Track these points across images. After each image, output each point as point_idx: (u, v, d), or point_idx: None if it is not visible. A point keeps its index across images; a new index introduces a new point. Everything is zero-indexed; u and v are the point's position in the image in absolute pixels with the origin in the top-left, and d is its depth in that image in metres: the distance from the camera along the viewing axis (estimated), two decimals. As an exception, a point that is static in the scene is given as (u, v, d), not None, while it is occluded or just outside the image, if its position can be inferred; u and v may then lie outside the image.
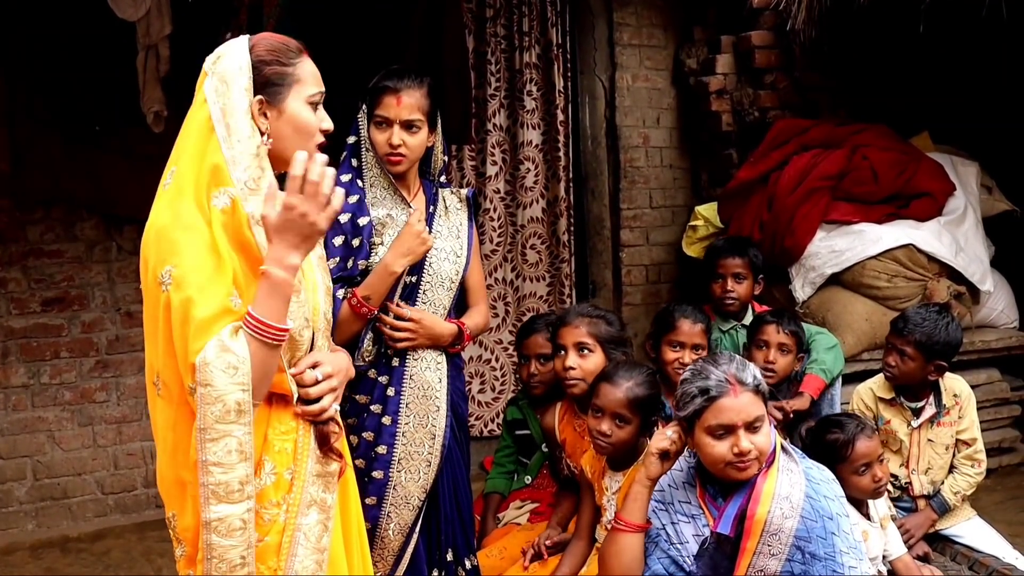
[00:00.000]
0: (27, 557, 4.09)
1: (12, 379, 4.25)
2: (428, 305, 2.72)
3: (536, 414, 3.37)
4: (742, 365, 2.30)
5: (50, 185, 4.18)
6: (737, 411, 2.21)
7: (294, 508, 1.86)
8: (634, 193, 5.10)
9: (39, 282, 4.28)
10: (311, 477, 1.89)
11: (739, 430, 2.21)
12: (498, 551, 3.02)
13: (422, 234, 2.64)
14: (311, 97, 1.93)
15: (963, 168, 4.73)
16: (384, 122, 2.65)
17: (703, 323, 3.26)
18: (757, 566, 2.20)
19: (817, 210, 4.34)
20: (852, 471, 2.82)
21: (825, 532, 2.20)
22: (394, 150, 2.65)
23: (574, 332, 2.95)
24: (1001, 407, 4.54)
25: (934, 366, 3.26)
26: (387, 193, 2.70)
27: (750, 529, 2.20)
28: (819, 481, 2.28)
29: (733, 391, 2.23)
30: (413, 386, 2.68)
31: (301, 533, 1.86)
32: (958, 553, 3.30)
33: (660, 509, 2.38)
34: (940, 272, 4.36)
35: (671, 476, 2.41)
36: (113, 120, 4.12)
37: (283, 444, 1.88)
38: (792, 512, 2.19)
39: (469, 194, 2.91)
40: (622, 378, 2.68)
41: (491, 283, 4.99)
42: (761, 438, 2.23)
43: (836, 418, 3.05)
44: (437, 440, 2.70)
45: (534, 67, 4.93)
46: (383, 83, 2.66)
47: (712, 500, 2.32)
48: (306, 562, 1.86)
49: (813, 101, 4.83)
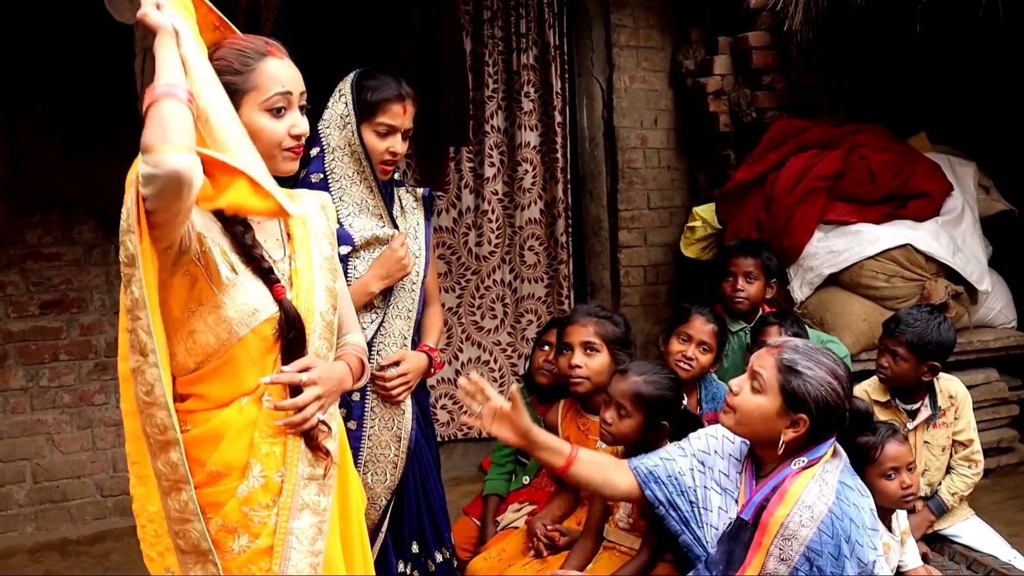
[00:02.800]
0: (26, 560, 4.09)
1: (11, 382, 4.25)
2: (392, 308, 2.71)
3: (539, 412, 3.37)
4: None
5: (48, 188, 4.18)
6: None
7: (285, 511, 1.86)
8: (632, 194, 5.10)
9: (37, 285, 4.28)
10: (302, 480, 1.89)
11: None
12: (496, 553, 3.02)
13: (403, 260, 2.62)
14: (268, 102, 1.90)
15: (960, 168, 4.74)
16: (389, 131, 2.62)
17: (716, 325, 3.30)
18: (768, 567, 2.18)
19: (815, 210, 4.34)
20: (880, 474, 2.79)
21: (838, 552, 2.14)
22: (393, 158, 2.64)
23: (581, 331, 2.98)
24: (999, 407, 4.54)
25: (927, 367, 3.26)
26: (362, 207, 2.65)
27: (766, 525, 2.18)
28: (851, 503, 2.20)
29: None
30: (378, 391, 2.68)
31: (294, 536, 1.86)
32: (956, 553, 3.30)
33: (699, 470, 2.37)
34: (938, 272, 4.36)
35: (722, 445, 2.40)
36: (111, 123, 4.12)
37: (271, 447, 1.88)
38: (810, 522, 2.15)
39: (425, 193, 2.86)
40: (634, 372, 2.73)
41: (489, 284, 5.00)
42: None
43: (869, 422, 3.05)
44: (403, 443, 2.70)
45: (532, 69, 4.93)
46: (386, 91, 2.61)
47: (752, 480, 2.30)
48: (300, 565, 1.86)
49: (810, 102, 4.84)
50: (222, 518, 1.85)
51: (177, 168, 1.60)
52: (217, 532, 1.86)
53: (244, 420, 1.87)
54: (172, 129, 1.62)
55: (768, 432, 2.24)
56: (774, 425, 2.22)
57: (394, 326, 2.72)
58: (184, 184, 1.62)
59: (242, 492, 1.85)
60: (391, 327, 2.71)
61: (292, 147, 1.93)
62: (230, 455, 1.86)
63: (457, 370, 4.97)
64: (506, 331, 5.05)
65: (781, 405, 2.21)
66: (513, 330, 5.06)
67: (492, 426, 2.32)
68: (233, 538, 1.86)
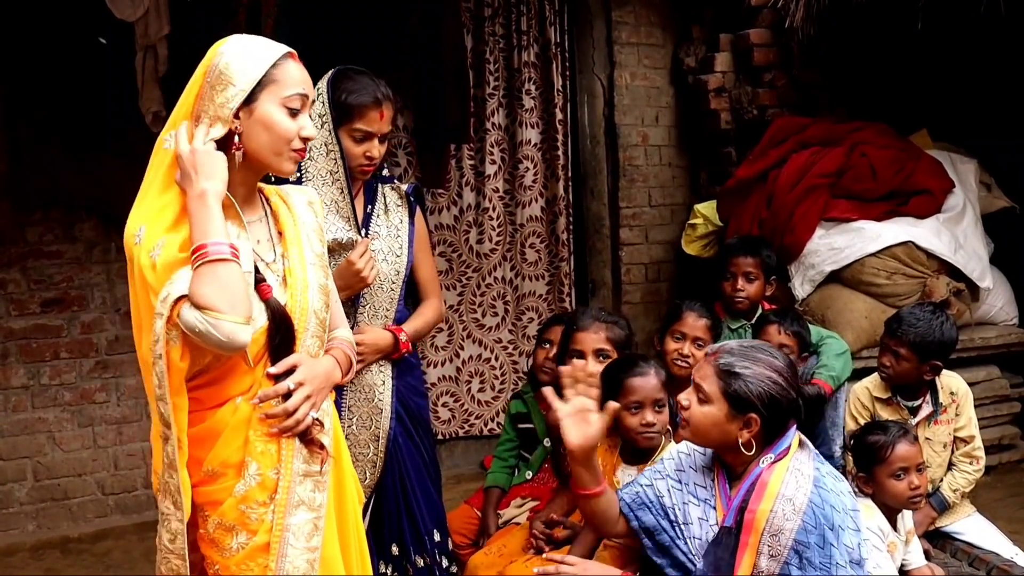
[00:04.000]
0: (28, 558, 4.10)
1: (12, 380, 4.25)
2: (369, 308, 2.69)
3: (541, 409, 3.37)
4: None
5: (49, 186, 4.18)
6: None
7: (281, 508, 1.87)
8: (633, 192, 5.10)
9: (38, 283, 4.28)
10: (298, 477, 1.90)
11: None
12: (496, 549, 3.02)
13: (361, 272, 2.57)
14: (288, 99, 1.90)
15: (962, 165, 4.73)
16: (366, 136, 2.58)
17: (708, 319, 3.28)
18: (760, 566, 2.18)
19: (816, 208, 4.34)
20: (890, 474, 2.79)
21: (824, 541, 2.16)
22: (371, 162, 2.61)
23: (593, 338, 2.92)
24: (1001, 404, 4.53)
25: (929, 366, 3.25)
26: (330, 208, 2.60)
27: (751, 524, 2.18)
28: (828, 489, 2.21)
29: None
30: (355, 389, 2.66)
31: (290, 533, 1.87)
32: (958, 550, 3.30)
33: (676, 488, 2.37)
34: (939, 269, 4.36)
35: (693, 458, 2.41)
36: (112, 121, 4.12)
37: (266, 445, 1.89)
38: (794, 515, 2.16)
39: (409, 190, 2.81)
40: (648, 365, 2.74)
41: (490, 282, 5.00)
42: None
43: (880, 422, 3.05)
44: (381, 442, 2.69)
45: (532, 66, 4.93)
46: (364, 96, 2.55)
47: (725, 484, 2.31)
48: (297, 562, 1.87)
49: (812, 99, 4.83)
50: (219, 516, 1.87)
51: (236, 340, 1.76)
52: (215, 530, 1.87)
53: (239, 419, 1.89)
54: (231, 296, 1.75)
55: (724, 438, 2.26)
56: (727, 430, 2.24)
57: (370, 325, 2.69)
58: (236, 349, 1.78)
59: (239, 490, 1.86)
60: (367, 326, 2.69)
61: (299, 148, 1.94)
62: (225, 453, 1.87)
63: (458, 368, 4.97)
64: (507, 329, 5.05)
65: (728, 410, 2.22)
66: (514, 328, 5.05)
67: (568, 418, 2.31)
68: (231, 536, 1.87)
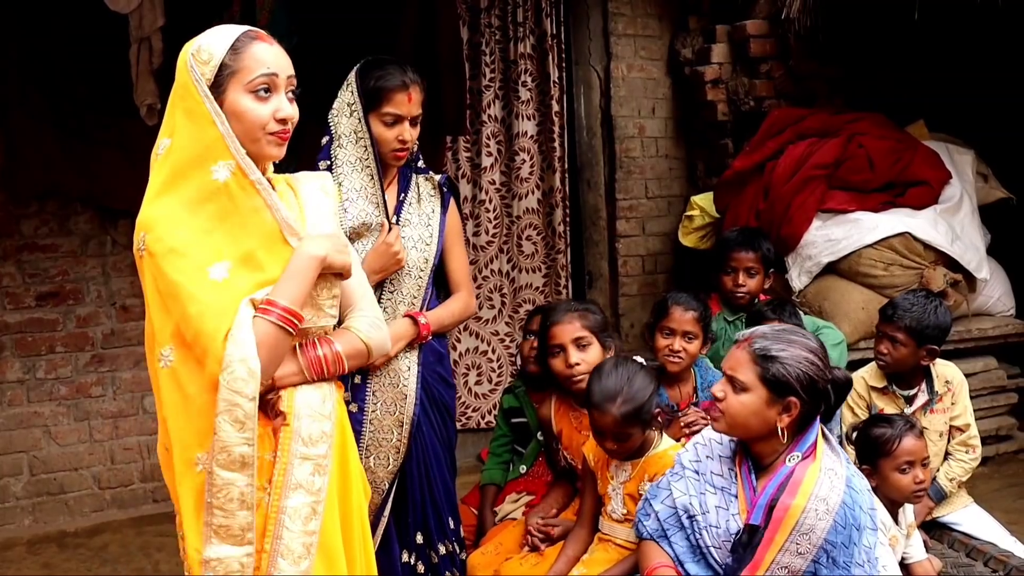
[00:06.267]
0: (24, 553, 4.09)
1: (7, 374, 4.24)
2: (396, 294, 2.71)
3: (533, 403, 3.36)
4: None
5: (44, 179, 4.16)
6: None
7: (278, 490, 1.86)
8: (630, 183, 5.09)
9: (33, 276, 4.27)
10: (296, 460, 1.89)
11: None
12: (493, 547, 3.00)
13: (398, 254, 2.63)
14: (252, 83, 1.88)
15: (959, 156, 4.73)
16: (396, 120, 2.64)
17: (696, 311, 3.20)
18: (782, 563, 2.17)
19: (813, 199, 4.34)
20: (895, 467, 2.78)
21: (849, 541, 2.16)
22: (404, 146, 2.66)
23: (569, 329, 2.91)
24: (998, 395, 4.54)
25: (926, 351, 3.26)
26: (360, 193, 2.66)
27: (780, 519, 2.16)
28: (859, 490, 2.22)
29: None
30: (380, 374, 2.67)
31: (286, 516, 1.86)
32: (956, 540, 3.30)
33: (694, 480, 2.35)
34: (936, 260, 4.36)
35: (710, 447, 2.38)
36: (108, 113, 4.11)
37: (264, 428, 1.87)
38: (827, 515, 2.15)
39: (442, 180, 2.86)
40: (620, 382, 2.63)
41: (487, 275, 4.99)
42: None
43: (886, 415, 3.04)
44: (405, 428, 2.69)
45: (529, 58, 4.91)
46: (391, 80, 2.63)
47: (750, 476, 2.27)
48: (292, 545, 1.86)
49: (809, 90, 4.83)
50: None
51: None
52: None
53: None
54: (270, 363, 1.84)
55: (764, 426, 2.23)
56: (767, 417, 2.21)
57: (397, 312, 2.71)
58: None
59: None
60: (395, 313, 2.70)
61: (277, 131, 1.91)
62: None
63: (455, 360, 4.96)
64: (504, 321, 5.04)
65: (768, 395, 2.19)
66: (511, 320, 5.05)
67: None
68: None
